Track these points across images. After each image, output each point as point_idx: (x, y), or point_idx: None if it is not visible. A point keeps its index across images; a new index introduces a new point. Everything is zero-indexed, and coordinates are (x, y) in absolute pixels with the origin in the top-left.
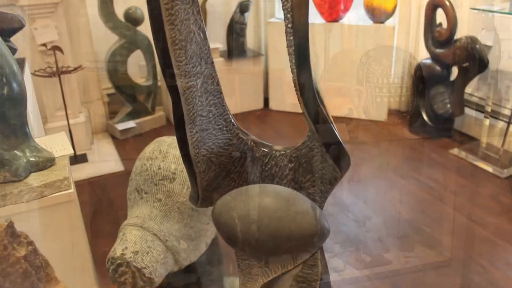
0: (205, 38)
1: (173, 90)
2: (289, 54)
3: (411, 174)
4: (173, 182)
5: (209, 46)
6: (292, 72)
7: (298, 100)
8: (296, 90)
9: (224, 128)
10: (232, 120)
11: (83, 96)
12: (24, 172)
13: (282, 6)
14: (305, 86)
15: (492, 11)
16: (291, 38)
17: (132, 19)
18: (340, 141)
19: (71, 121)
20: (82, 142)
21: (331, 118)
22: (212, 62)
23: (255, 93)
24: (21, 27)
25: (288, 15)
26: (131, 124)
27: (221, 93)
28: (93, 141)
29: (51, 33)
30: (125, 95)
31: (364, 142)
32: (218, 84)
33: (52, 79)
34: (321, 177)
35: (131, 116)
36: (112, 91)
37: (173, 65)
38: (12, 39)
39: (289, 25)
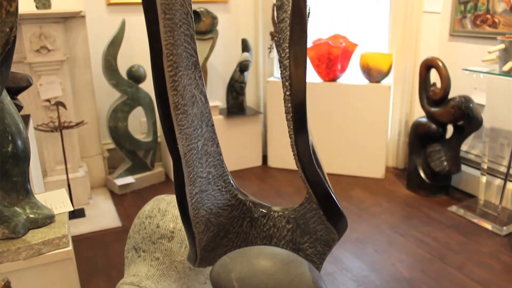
0: (206, 101)
1: (175, 152)
2: (287, 120)
3: (410, 232)
4: (172, 241)
5: (209, 109)
6: (290, 138)
7: (296, 164)
8: (294, 154)
9: (223, 189)
10: (231, 181)
11: (83, 150)
12: (23, 229)
13: (281, 74)
14: (303, 151)
15: (482, 72)
16: (289, 105)
17: (135, 77)
18: (337, 204)
19: (70, 176)
20: (80, 196)
21: (329, 181)
22: (213, 125)
23: (254, 150)
24: (28, 85)
25: (287, 83)
26: (129, 179)
27: (220, 154)
28: (91, 196)
29: (56, 89)
30: (125, 151)
31: (362, 199)
32: (218, 145)
33: (54, 134)
34: (319, 238)
35: (130, 171)
36: (112, 146)
37: (175, 128)
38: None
39: (287, 93)
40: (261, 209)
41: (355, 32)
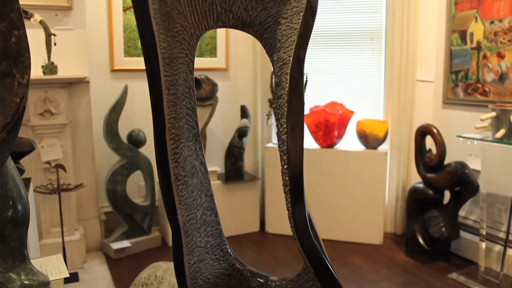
0: (206, 172)
1: (174, 222)
2: (285, 192)
3: None
4: None
5: (209, 179)
6: (288, 210)
7: (293, 236)
8: (291, 226)
9: (221, 258)
10: (229, 250)
11: (80, 213)
12: None
13: (279, 147)
14: (300, 224)
15: (476, 139)
16: (287, 178)
17: (135, 141)
18: (335, 276)
19: (66, 239)
20: (75, 260)
21: (326, 252)
22: (212, 194)
23: (251, 216)
24: (32, 150)
25: (284, 157)
26: (126, 243)
27: (219, 223)
28: (86, 260)
29: (56, 152)
30: (122, 214)
31: (360, 266)
32: (216, 215)
33: (52, 196)
34: None
35: (127, 235)
36: (110, 209)
37: (175, 199)
38: None
39: (285, 166)
40: (258, 279)
41: (351, 99)
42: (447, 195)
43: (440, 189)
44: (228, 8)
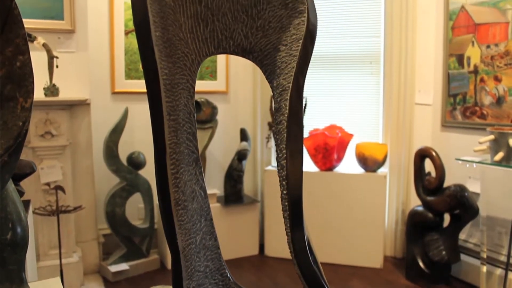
0: (206, 196)
1: (174, 247)
2: (284, 217)
3: None
4: None
5: (208, 204)
6: (287, 235)
7: (293, 261)
8: (290, 251)
9: (220, 283)
10: (228, 275)
11: (78, 235)
12: None
13: (278, 173)
14: (299, 249)
15: (475, 162)
16: (286, 204)
17: (135, 163)
18: None
19: (63, 261)
20: (72, 283)
21: (325, 277)
22: (211, 219)
23: (250, 239)
24: (32, 172)
25: (284, 183)
26: (124, 266)
27: (218, 248)
28: (83, 283)
29: (56, 173)
30: (121, 237)
31: None
32: (216, 239)
33: (50, 218)
34: None
35: (125, 258)
36: (108, 231)
37: (175, 223)
38: None
39: (284, 192)
40: None
41: (350, 122)
42: (447, 218)
43: (440, 212)
44: (228, 35)
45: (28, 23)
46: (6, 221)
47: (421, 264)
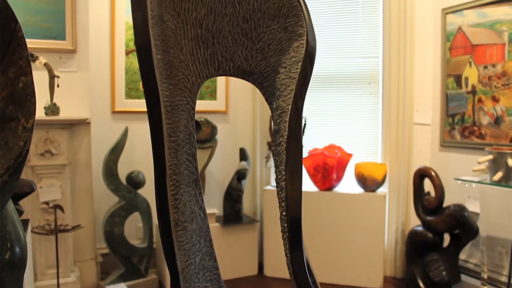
0: (205, 217)
1: (173, 268)
2: (283, 238)
3: None
4: None
5: (208, 225)
6: (286, 256)
7: (292, 282)
8: (289, 273)
9: None
10: None
11: (76, 254)
12: None
13: (277, 194)
14: (298, 270)
15: (474, 182)
16: (285, 225)
17: (134, 182)
18: None
19: (61, 280)
20: None
21: None
22: (211, 239)
23: (249, 259)
24: (32, 191)
25: (283, 204)
26: (122, 286)
27: (217, 269)
28: None
29: (55, 192)
30: (119, 256)
31: None
32: (215, 260)
33: (48, 237)
34: None
35: (123, 278)
36: (106, 251)
37: (174, 244)
38: None
39: (283, 213)
40: None
41: (349, 142)
42: (447, 238)
43: (440, 232)
44: (228, 57)
45: (30, 43)
46: (4, 241)
47: (421, 284)
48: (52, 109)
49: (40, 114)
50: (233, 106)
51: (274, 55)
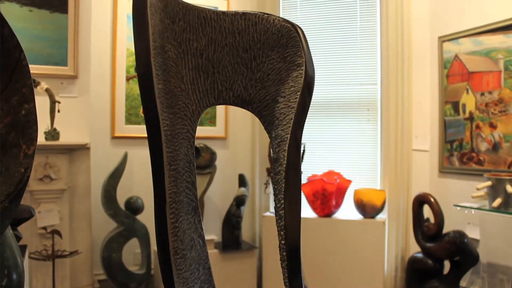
0: (204, 244)
1: None
2: (282, 267)
3: None
4: None
5: (207, 252)
6: (285, 285)
7: None
8: None
9: None
10: None
11: (73, 281)
12: None
13: (276, 222)
14: None
15: (473, 208)
16: (284, 253)
17: (133, 208)
18: None
19: None
20: None
21: None
22: (209, 267)
23: (248, 285)
24: (30, 217)
25: (282, 233)
26: None
27: None
28: None
29: (53, 217)
30: (117, 283)
31: None
32: (214, 287)
33: (45, 262)
34: None
35: None
36: (104, 277)
37: (173, 272)
38: None
39: (282, 242)
40: None
41: (348, 169)
42: (447, 265)
43: (440, 258)
44: (228, 86)
45: (33, 68)
46: (2, 267)
47: None
48: (52, 134)
49: (40, 139)
50: (233, 132)
51: (273, 84)
